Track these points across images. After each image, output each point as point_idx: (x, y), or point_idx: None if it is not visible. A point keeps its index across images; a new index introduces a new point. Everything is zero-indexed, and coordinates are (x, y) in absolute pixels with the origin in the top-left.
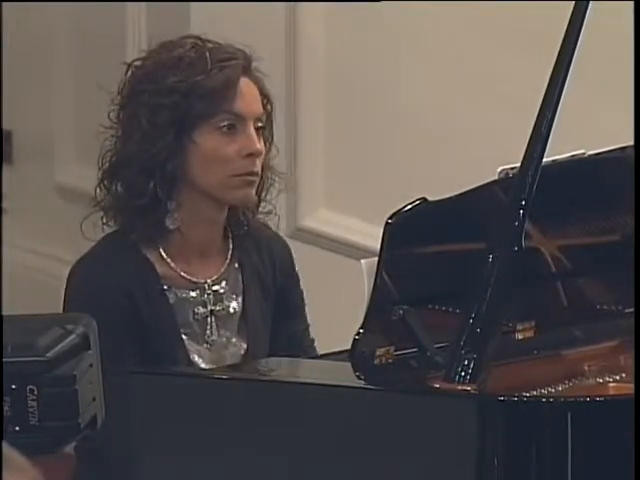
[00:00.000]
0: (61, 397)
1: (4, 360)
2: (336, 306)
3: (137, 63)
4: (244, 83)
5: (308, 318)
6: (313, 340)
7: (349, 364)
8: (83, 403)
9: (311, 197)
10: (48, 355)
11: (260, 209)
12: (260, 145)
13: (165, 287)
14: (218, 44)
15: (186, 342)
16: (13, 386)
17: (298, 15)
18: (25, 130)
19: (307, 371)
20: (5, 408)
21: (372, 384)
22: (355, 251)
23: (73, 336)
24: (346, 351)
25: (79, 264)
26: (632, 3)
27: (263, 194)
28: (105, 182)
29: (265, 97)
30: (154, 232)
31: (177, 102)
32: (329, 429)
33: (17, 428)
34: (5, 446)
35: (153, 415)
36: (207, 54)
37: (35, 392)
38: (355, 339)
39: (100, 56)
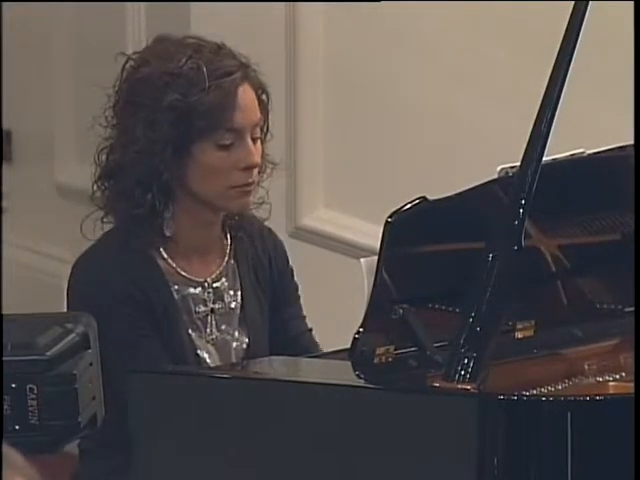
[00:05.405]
0: (61, 396)
1: (4, 359)
2: (336, 305)
3: (132, 64)
4: (242, 92)
5: (308, 317)
6: (311, 329)
7: (349, 363)
8: (83, 402)
9: (311, 196)
10: (48, 354)
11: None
12: (257, 157)
13: (169, 283)
14: (216, 51)
15: (193, 337)
16: (13, 385)
17: (298, 15)
18: (25, 130)
19: (307, 370)
20: (5, 407)
21: (372, 383)
22: (355, 250)
23: (73, 335)
24: (346, 350)
25: (82, 259)
26: (632, 3)
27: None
28: (102, 180)
29: (261, 93)
30: (154, 238)
31: (176, 119)
32: (328, 428)
33: (17, 427)
34: (3, 445)
35: (153, 414)
36: (204, 70)
37: (35, 391)
38: (355, 338)
39: (100, 56)
